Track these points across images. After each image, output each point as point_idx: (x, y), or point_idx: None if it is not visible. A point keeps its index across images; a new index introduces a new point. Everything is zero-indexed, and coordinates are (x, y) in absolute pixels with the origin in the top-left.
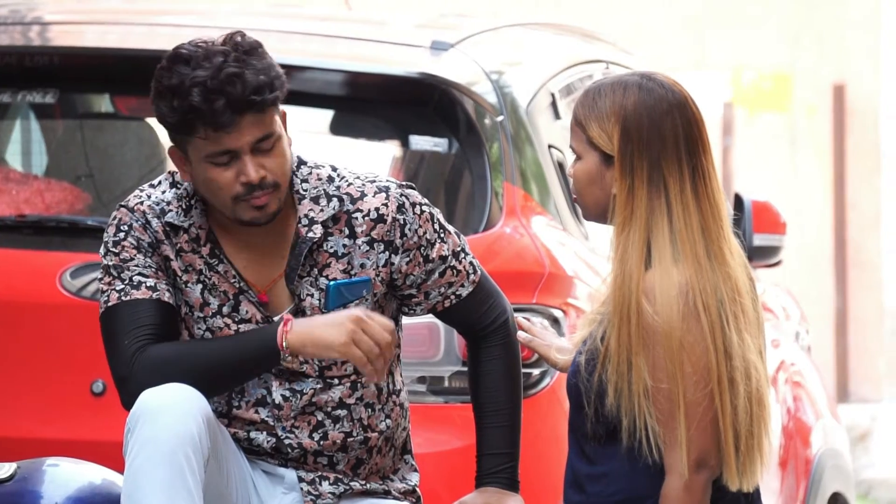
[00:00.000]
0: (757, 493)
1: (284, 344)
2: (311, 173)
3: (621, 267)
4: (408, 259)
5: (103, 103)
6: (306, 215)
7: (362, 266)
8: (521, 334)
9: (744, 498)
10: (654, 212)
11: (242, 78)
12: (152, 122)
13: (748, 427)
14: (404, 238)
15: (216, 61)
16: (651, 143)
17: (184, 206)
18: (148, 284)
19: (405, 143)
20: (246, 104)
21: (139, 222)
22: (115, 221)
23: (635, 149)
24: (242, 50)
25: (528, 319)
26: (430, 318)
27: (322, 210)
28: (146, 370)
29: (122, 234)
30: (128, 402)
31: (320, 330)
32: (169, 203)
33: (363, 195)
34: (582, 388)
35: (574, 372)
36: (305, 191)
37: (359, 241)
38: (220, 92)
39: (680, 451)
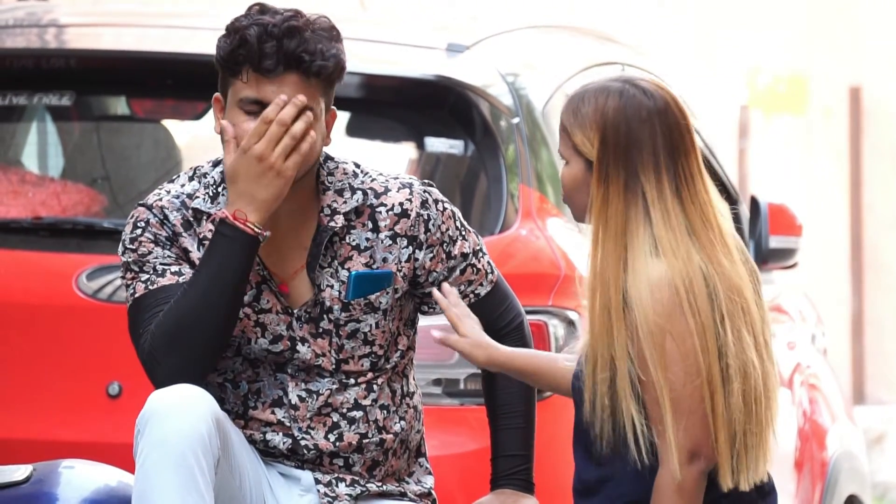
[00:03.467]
0: (772, 488)
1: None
2: (337, 167)
3: (601, 276)
4: (431, 255)
5: (119, 105)
6: (329, 205)
7: (384, 260)
8: (435, 291)
9: (756, 492)
10: (630, 220)
11: (302, 35)
12: (168, 124)
13: (744, 425)
14: (428, 234)
15: (287, 15)
16: (628, 152)
17: (210, 194)
18: (172, 270)
19: (421, 146)
20: (294, 59)
21: (156, 218)
22: (133, 219)
23: (611, 157)
24: (318, 25)
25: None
26: (444, 321)
27: (346, 202)
28: (159, 344)
29: (138, 231)
30: (159, 387)
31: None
32: (196, 191)
33: (387, 190)
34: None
35: (577, 376)
36: (331, 183)
37: (381, 236)
38: (275, 38)
39: (672, 444)
